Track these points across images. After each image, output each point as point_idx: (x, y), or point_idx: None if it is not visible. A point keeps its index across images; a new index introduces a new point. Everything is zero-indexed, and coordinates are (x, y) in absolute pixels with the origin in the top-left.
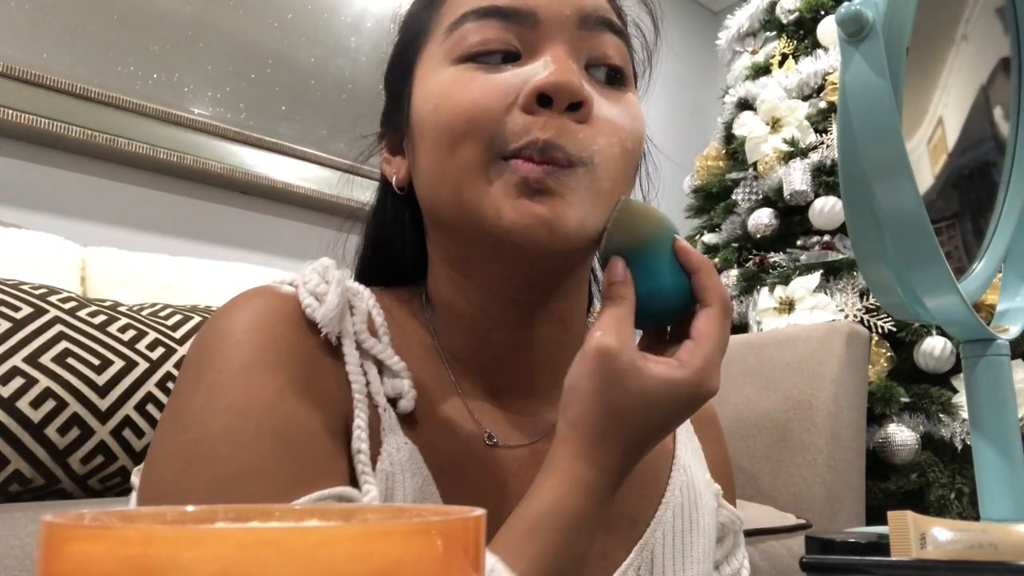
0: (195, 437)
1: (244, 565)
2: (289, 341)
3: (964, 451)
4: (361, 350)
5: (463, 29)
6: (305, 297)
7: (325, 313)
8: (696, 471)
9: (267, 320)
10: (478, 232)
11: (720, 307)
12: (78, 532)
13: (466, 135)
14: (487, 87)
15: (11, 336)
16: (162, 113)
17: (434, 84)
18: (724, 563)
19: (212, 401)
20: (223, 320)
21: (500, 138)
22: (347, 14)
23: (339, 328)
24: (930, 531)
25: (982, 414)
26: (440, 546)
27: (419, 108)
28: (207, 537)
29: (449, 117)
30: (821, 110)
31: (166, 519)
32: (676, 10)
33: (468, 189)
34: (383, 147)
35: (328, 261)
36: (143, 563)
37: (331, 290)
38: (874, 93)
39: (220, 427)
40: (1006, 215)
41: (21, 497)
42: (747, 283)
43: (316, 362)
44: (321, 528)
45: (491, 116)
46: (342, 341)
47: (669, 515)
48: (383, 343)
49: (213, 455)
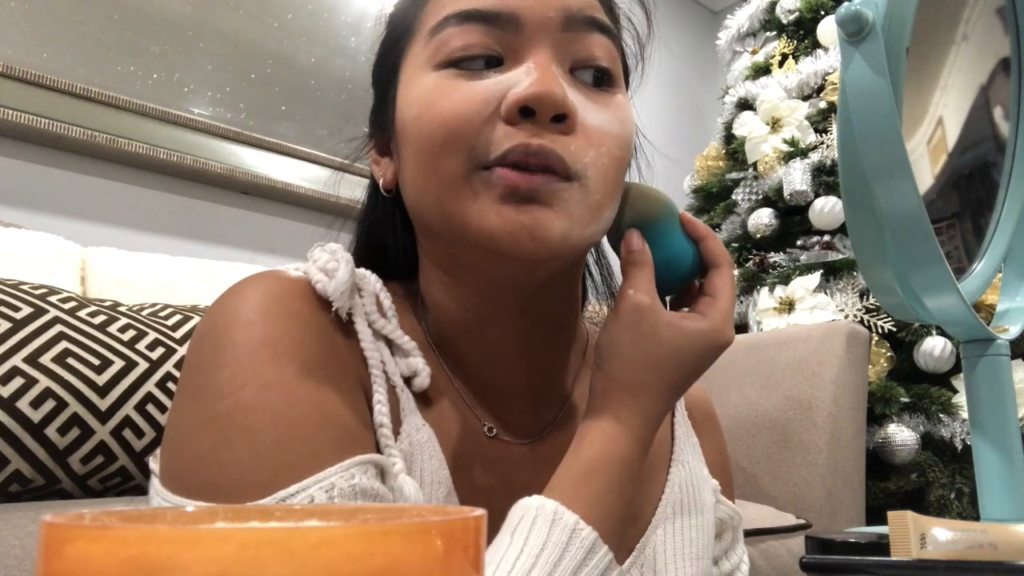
0: (225, 410)
1: (244, 565)
2: (305, 316)
3: (964, 451)
4: (372, 329)
5: (445, 33)
6: (315, 274)
7: (336, 287)
8: (695, 467)
9: (280, 297)
10: (463, 240)
11: (728, 267)
12: (78, 532)
13: (447, 146)
14: (468, 96)
15: (11, 336)
16: (162, 113)
17: (417, 90)
18: (723, 559)
19: (238, 374)
20: (234, 299)
21: (481, 149)
22: (347, 14)
23: (350, 305)
24: (930, 531)
25: (982, 414)
26: (440, 546)
27: (403, 114)
28: (207, 537)
29: (430, 127)
30: (821, 110)
31: (166, 519)
32: (676, 10)
33: (451, 200)
34: (372, 147)
35: (336, 245)
36: (143, 563)
37: (341, 266)
38: (874, 93)
39: (251, 398)
40: (1006, 215)
41: (21, 497)
42: (747, 283)
43: (332, 338)
44: (321, 528)
45: (472, 127)
46: (354, 319)
47: (669, 512)
48: (393, 323)
49: (250, 425)
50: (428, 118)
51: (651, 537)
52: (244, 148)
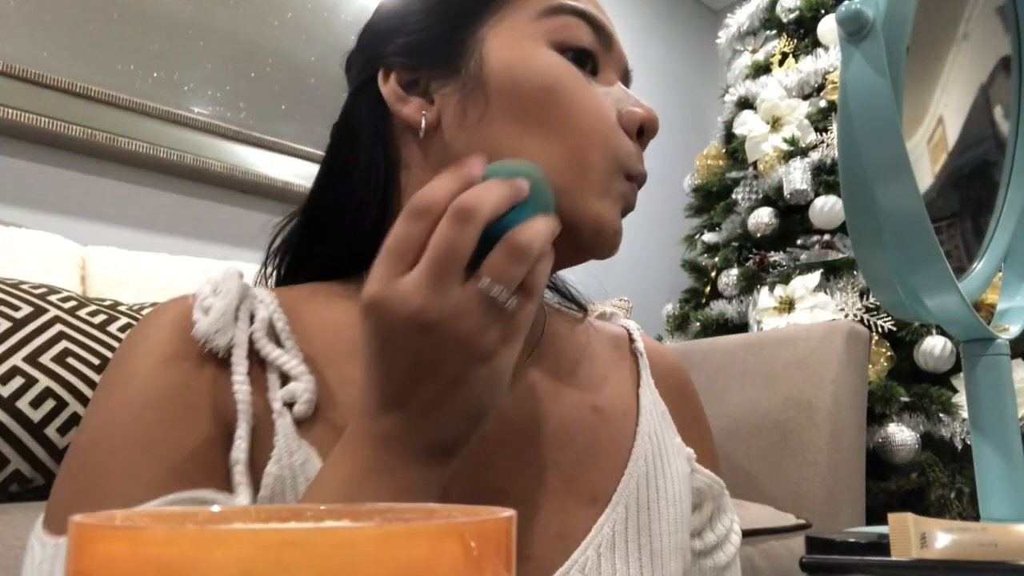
0: (78, 442)
1: (266, 566)
2: (168, 353)
3: (964, 451)
4: (260, 357)
5: (566, 19)
6: (195, 311)
7: (206, 330)
8: (664, 437)
9: (159, 330)
10: (571, 218)
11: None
12: (103, 532)
13: (594, 141)
14: (603, 99)
15: (11, 336)
16: (162, 112)
17: (539, 61)
18: (707, 530)
19: (94, 411)
20: (132, 331)
21: (622, 155)
22: (347, 13)
23: (227, 340)
24: (930, 531)
25: (982, 414)
26: (465, 547)
27: (512, 72)
28: (229, 538)
29: (574, 112)
30: (821, 109)
31: (195, 520)
32: (676, 9)
33: (580, 186)
34: (390, 74)
35: (232, 271)
36: (165, 563)
37: (215, 304)
38: (874, 92)
39: (92, 435)
40: (1006, 215)
41: (21, 497)
42: (747, 282)
43: (200, 372)
44: (343, 529)
45: (613, 131)
46: (233, 351)
47: (633, 486)
48: (284, 348)
49: (84, 461)
50: (568, 101)
51: (612, 514)
52: (244, 147)
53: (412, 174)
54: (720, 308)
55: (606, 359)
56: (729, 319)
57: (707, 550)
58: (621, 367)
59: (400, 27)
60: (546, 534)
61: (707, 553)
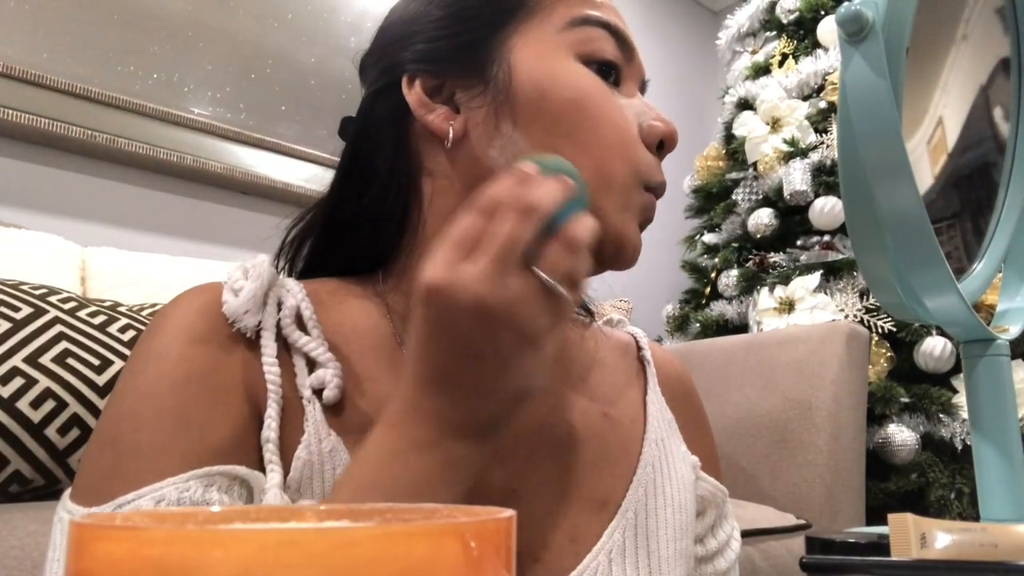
0: (109, 416)
1: (265, 566)
2: (199, 333)
3: (964, 451)
4: (289, 343)
5: (592, 31)
6: (225, 292)
7: (236, 308)
8: (670, 444)
9: (189, 311)
10: None
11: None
12: (102, 532)
13: (618, 154)
14: (626, 111)
15: (11, 336)
16: (162, 113)
17: (566, 73)
18: (709, 536)
19: (126, 384)
20: (161, 311)
21: (642, 168)
22: (347, 14)
23: (256, 322)
24: (930, 531)
25: (982, 414)
26: (465, 548)
27: (542, 86)
28: (228, 538)
29: (600, 126)
30: (821, 110)
31: (198, 519)
32: (676, 10)
33: (604, 196)
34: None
35: (262, 257)
36: (165, 563)
37: (247, 285)
38: (874, 93)
39: (126, 407)
40: (1006, 215)
41: (21, 497)
42: (747, 283)
43: (230, 353)
44: (343, 529)
45: (634, 142)
46: (261, 334)
47: (641, 493)
48: (311, 336)
49: (117, 433)
50: (595, 115)
51: (622, 520)
52: (244, 148)
53: (437, 183)
54: (720, 309)
55: (615, 367)
56: (729, 320)
57: (708, 556)
58: (629, 375)
59: (421, 32)
60: (557, 538)
61: (708, 559)
